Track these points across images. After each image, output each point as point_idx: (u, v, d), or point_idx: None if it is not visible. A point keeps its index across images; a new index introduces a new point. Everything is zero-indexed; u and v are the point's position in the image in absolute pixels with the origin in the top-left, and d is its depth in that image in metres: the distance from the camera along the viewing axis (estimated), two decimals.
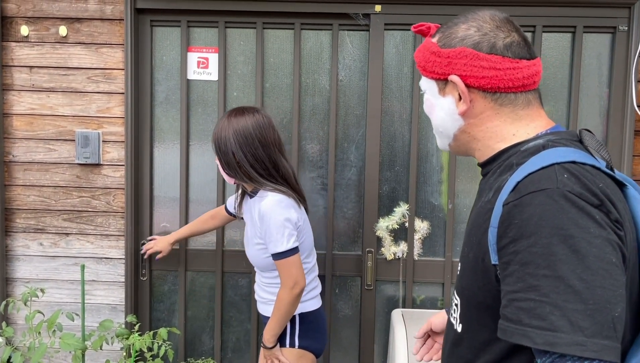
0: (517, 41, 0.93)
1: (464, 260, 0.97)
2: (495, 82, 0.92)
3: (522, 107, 0.95)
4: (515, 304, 0.78)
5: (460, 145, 1.03)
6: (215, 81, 2.39)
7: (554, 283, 0.75)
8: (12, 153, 2.38)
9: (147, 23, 2.37)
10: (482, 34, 0.93)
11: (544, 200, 0.78)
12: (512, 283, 0.79)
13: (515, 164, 0.88)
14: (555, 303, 0.74)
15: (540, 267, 0.76)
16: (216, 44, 2.38)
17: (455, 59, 0.94)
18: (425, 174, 2.39)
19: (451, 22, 0.98)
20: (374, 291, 2.40)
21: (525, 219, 0.79)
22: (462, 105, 0.96)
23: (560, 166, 0.81)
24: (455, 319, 1.00)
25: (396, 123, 2.38)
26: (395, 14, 2.29)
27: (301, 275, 1.77)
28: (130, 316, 2.22)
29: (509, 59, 0.92)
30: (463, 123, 0.98)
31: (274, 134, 1.81)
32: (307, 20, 2.33)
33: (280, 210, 1.75)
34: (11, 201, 2.40)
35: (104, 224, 2.39)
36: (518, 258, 0.79)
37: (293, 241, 1.76)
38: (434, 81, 0.99)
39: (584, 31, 2.29)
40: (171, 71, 2.41)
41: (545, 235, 0.76)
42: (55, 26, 2.33)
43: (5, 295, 2.40)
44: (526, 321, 0.76)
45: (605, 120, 2.34)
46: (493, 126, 0.96)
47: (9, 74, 2.35)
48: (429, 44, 0.99)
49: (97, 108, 2.35)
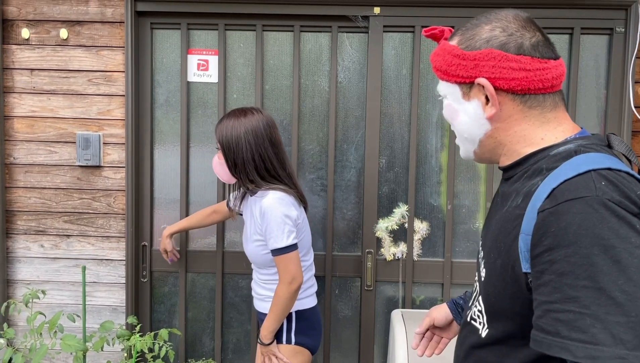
0: (543, 41, 0.91)
1: (490, 266, 0.94)
2: (525, 83, 0.89)
3: (550, 110, 0.92)
4: (552, 315, 0.76)
5: (485, 151, 0.99)
6: (215, 83, 2.40)
7: (595, 294, 0.73)
8: (13, 155, 2.39)
9: (148, 26, 2.38)
10: (508, 35, 0.90)
11: (583, 208, 0.76)
12: (548, 293, 0.77)
13: (546, 169, 0.86)
14: (597, 316, 0.72)
15: (580, 278, 0.74)
16: (216, 46, 2.39)
17: (482, 61, 0.90)
18: (424, 175, 2.40)
19: (470, 24, 0.95)
20: (374, 292, 2.41)
21: (562, 227, 0.76)
22: (490, 109, 0.92)
23: (597, 173, 0.79)
24: (481, 324, 0.97)
25: (395, 125, 2.39)
26: (394, 17, 2.31)
27: (299, 271, 1.80)
28: (131, 318, 2.23)
29: (537, 60, 0.89)
30: (490, 128, 0.95)
31: (278, 133, 1.86)
32: (306, 22, 2.35)
33: (281, 207, 1.78)
34: (12, 203, 2.41)
35: (105, 226, 2.40)
36: (554, 268, 0.76)
37: (293, 238, 1.79)
38: (457, 85, 0.95)
39: (581, 33, 2.31)
40: (171, 74, 2.42)
41: (585, 245, 0.74)
42: (56, 29, 2.34)
43: (6, 296, 2.41)
44: (565, 333, 0.74)
45: (602, 121, 2.35)
46: (521, 129, 0.93)
47: (10, 76, 2.36)
48: (448, 47, 0.95)
49: (97, 110, 2.36)
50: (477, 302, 1.00)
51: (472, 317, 1.02)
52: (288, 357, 1.88)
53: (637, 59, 2.26)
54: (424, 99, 2.37)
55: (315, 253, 2.39)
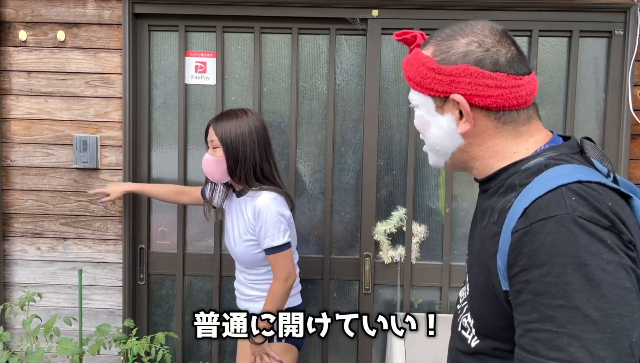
0: (517, 56, 0.90)
1: (473, 281, 0.95)
2: (500, 101, 0.89)
3: (524, 124, 0.92)
4: (531, 335, 0.77)
5: (457, 163, 0.98)
6: (213, 86, 2.40)
7: (570, 313, 0.74)
8: (10, 158, 2.38)
9: (145, 28, 2.37)
10: (484, 50, 0.89)
11: (554, 227, 0.76)
12: (526, 312, 0.78)
13: (519, 185, 0.86)
14: (573, 334, 0.73)
15: (555, 297, 0.75)
16: (214, 48, 2.39)
17: (458, 77, 0.89)
18: (422, 178, 2.39)
19: (444, 34, 0.93)
20: (372, 295, 2.40)
21: (536, 248, 0.77)
22: (464, 125, 0.91)
23: (567, 188, 0.79)
24: (470, 334, 0.98)
25: (394, 127, 2.38)
26: (392, 19, 2.30)
27: (294, 268, 1.88)
28: (128, 321, 2.22)
29: (512, 77, 0.89)
30: (463, 142, 0.94)
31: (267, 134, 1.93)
32: (304, 25, 2.34)
33: (276, 206, 1.84)
34: (9, 206, 2.40)
35: (102, 228, 2.39)
36: (530, 288, 0.77)
37: (287, 236, 1.85)
38: (430, 98, 0.93)
39: (580, 36, 2.30)
40: (169, 76, 2.41)
41: (558, 264, 0.75)
42: (53, 31, 2.33)
43: (2, 299, 2.40)
44: (544, 353, 0.75)
45: (601, 124, 2.35)
46: (494, 144, 0.93)
47: (7, 78, 2.36)
48: (423, 58, 0.93)
49: (95, 113, 2.35)
50: (468, 314, 1.00)
51: (463, 326, 1.02)
52: (279, 355, 1.90)
53: (636, 62, 2.25)
54: None
55: (313, 256, 2.39)
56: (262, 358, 1.89)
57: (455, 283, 2.37)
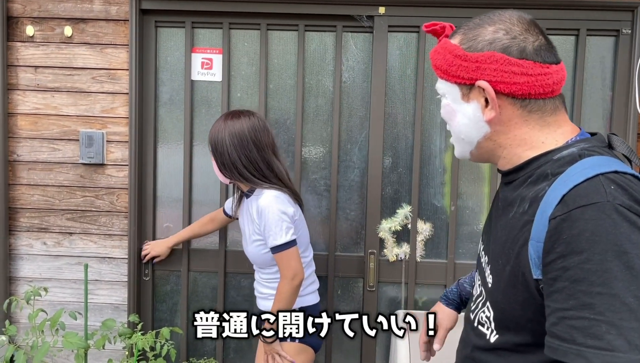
0: (545, 45, 0.90)
1: (497, 272, 0.94)
2: (526, 88, 0.88)
3: (550, 114, 0.91)
4: (567, 322, 0.76)
5: (483, 153, 0.98)
6: (219, 82, 2.40)
7: (609, 300, 0.73)
8: (16, 153, 2.39)
9: (152, 24, 2.38)
10: (511, 38, 0.89)
11: (595, 214, 0.76)
12: (562, 300, 0.77)
13: (551, 174, 0.86)
14: (612, 322, 0.73)
15: (594, 284, 0.74)
16: (220, 45, 2.39)
17: (484, 64, 0.89)
18: (428, 176, 2.39)
19: (473, 23, 0.94)
20: (376, 292, 2.40)
21: (575, 234, 0.76)
22: (489, 112, 0.91)
23: (606, 177, 0.79)
24: (489, 329, 0.97)
25: (399, 125, 2.38)
26: (398, 16, 2.30)
27: (300, 267, 1.84)
28: (133, 316, 2.22)
29: (539, 64, 0.88)
30: (489, 130, 0.93)
31: (268, 137, 1.88)
32: (311, 21, 2.34)
33: (278, 205, 1.83)
34: (15, 201, 2.41)
35: (108, 224, 2.40)
36: (568, 275, 0.76)
37: (291, 234, 1.83)
38: (456, 86, 0.94)
39: (587, 34, 2.30)
40: (175, 72, 2.41)
41: (598, 251, 0.74)
42: (60, 26, 2.34)
43: (8, 293, 2.41)
44: (581, 340, 0.74)
45: (608, 123, 2.34)
46: (521, 133, 0.92)
47: (14, 73, 2.36)
48: (450, 46, 0.94)
49: (101, 108, 2.36)
50: (486, 308, 0.99)
51: (480, 321, 1.01)
52: (292, 355, 1.88)
53: None
54: (428, 99, 2.35)
55: (318, 253, 2.39)
56: (273, 358, 1.87)
57: None
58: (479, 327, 1.00)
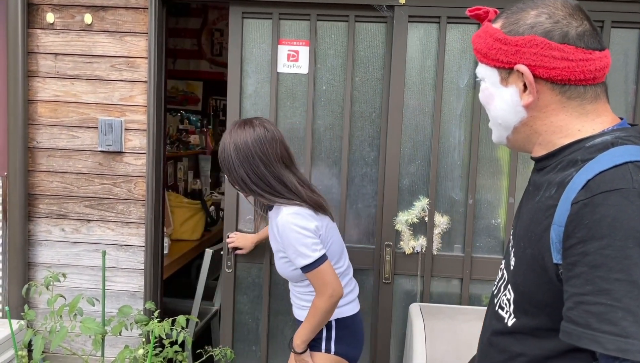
0: (590, 31, 0.88)
1: (519, 254, 0.93)
2: (566, 73, 0.87)
3: (590, 101, 0.90)
4: (583, 307, 0.76)
5: (519, 139, 0.97)
6: (304, 74, 2.36)
7: (628, 287, 0.72)
8: (36, 139, 2.41)
9: (239, 15, 2.34)
10: (554, 22, 0.88)
11: (618, 200, 0.75)
12: (580, 285, 0.76)
13: (581, 160, 0.85)
14: (628, 309, 0.72)
15: (613, 271, 0.73)
16: (307, 37, 2.35)
17: (524, 48, 0.88)
18: (446, 169, 2.37)
19: (516, 7, 0.93)
20: (392, 285, 2.39)
21: (597, 220, 0.76)
22: (527, 97, 0.90)
23: (635, 165, 0.78)
24: (508, 313, 0.97)
25: (418, 117, 2.36)
26: (419, 7, 2.27)
27: (337, 282, 1.68)
28: (149, 303, 2.24)
29: (582, 50, 0.87)
30: (526, 115, 0.93)
31: (276, 148, 1.72)
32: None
33: (297, 221, 1.68)
34: (34, 187, 2.43)
35: (125, 211, 2.41)
36: (587, 260, 0.76)
37: (319, 251, 1.68)
38: (495, 70, 0.93)
39: (611, 26, 2.26)
40: (261, 64, 2.37)
41: (619, 237, 0.73)
42: (80, 14, 2.35)
43: (27, 279, 2.43)
44: (596, 325, 0.74)
45: (632, 116, 2.30)
46: (558, 120, 0.91)
47: (35, 60, 2.38)
48: (491, 29, 0.93)
49: (120, 96, 2.37)
50: (507, 291, 0.99)
51: (500, 305, 1.01)
52: None
53: None
54: (448, 91, 2.33)
55: None
56: None
57: (477, 275, 2.36)
58: (499, 311, 1.00)
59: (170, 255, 3.07)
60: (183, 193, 4.08)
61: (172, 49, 5.02)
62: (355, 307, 1.86)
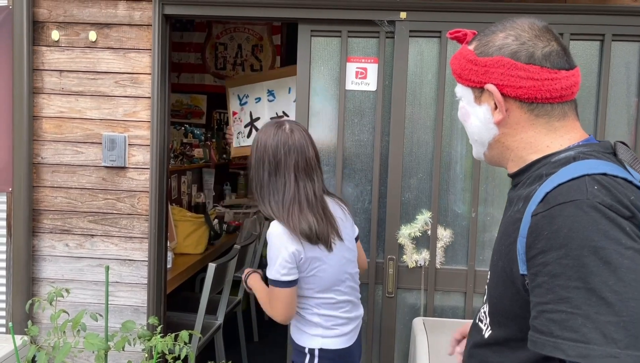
0: (556, 51, 0.92)
1: (493, 268, 0.98)
2: (532, 92, 0.92)
3: (558, 119, 0.94)
4: (545, 315, 0.78)
5: (494, 154, 1.02)
6: (372, 91, 2.36)
7: (586, 295, 0.75)
8: (40, 155, 2.43)
9: (308, 33, 2.36)
10: (520, 43, 0.92)
11: (573, 211, 0.78)
12: (542, 294, 0.79)
13: (545, 174, 0.88)
14: (588, 315, 0.74)
15: (571, 279, 0.76)
16: (375, 54, 2.36)
17: (492, 68, 0.94)
18: (448, 182, 2.37)
19: (488, 30, 0.98)
20: (395, 299, 2.38)
21: (554, 230, 0.79)
22: (497, 114, 0.95)
23: (591, 178, 0.81)
24: (485, 325, 1.01)
25: (420, 130, 2.36)
26: (420, 21, 2.29)
27: (282, 312, 1.67)
28: (152, 318, 2.24)
29: (547, 70, 0.91)
30: (498, 132, 0.98)
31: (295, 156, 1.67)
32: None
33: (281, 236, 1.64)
34: (39, 202, 2.44)
35: (128, 226, 2.42)
36: (547, 270, 0.79)
37: (286, 275, 1.63)
38: (469, 89, 0.99)
39: (612, 40, 2.26)
40: (329, 81, 2.39)
41: (575, 247, 0.76)
42: (85, 31, 2.38)
43: (31, 294, 2.44)
44: (558, 333, 0.76)
45: (633, 129, 2.30)
46: (527, 136, 0.95)
47: (40, 77, 2.40)
48: (465, 51, 0.99)
49: (123, 112, 2.39)
50: (485, 304, 1.03)
51: (479, 318, 1.05)
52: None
53: None
54: (449, 104, 2.34)
55: None
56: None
57: (480, 288, 2.34)
58: (479, 323, 1.04)
59: (174, 269, 3.07)
60: (187, 207, 4.09)
61: (176, 63, 5.07)
62: (344, 342, 1.76)
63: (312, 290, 1.72)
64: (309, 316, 1.75)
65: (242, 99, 3.09)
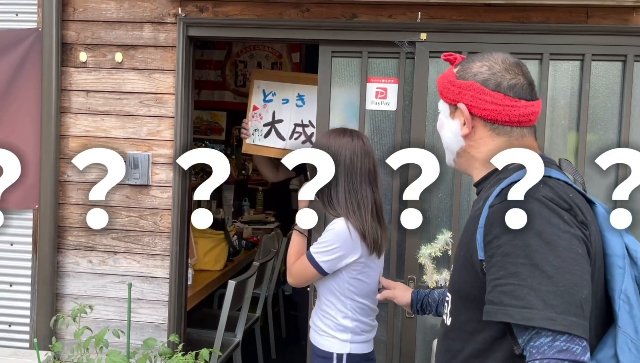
0: (521, 84, 1.09)
1: (455, 260, 1.14)
2: (494, 115, 1.09)
3: (516, 139, 1.10)
4: (498, 289, 0.94)
5: (462, 162, 1.18)
6: (392, 111, 2.38)
7: (530, 269, 0.91)
8: (66, 173, 2.48)
9: (329, 54, 2.39)
10: (491, 73, 1.09)
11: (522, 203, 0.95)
12: (496, 272, 0.95)
13: (503, 178, 1.05)
14: (531, 286, 0.91)
15: (519, 257, 0.93)
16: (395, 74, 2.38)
17: (465, 90, 1.11)
18: (469, 202, 2.36)
19: (470, 58, 1.15)
20: (415, 319, 2.37)
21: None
22: (465, 129, 1.12)
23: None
24: (446, 314, 1.15)
25: (440, 149, 2.36)
26: (440, 42, 2.30)
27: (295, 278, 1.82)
28: (174, 336, 2.26)
29: (509, 98, 1.08)
30: (464, 144, 1.14)
31: (366, 162, 1.77)
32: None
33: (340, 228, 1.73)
34: (64, 219, 2.49)
35: (151, 243, 2.45)
36: (500, 251, 0.95)
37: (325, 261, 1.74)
38: (447, 105, 1.16)
39: (634, 60, 2.25)
40: (349, 101, 2.42)
41: (523, 230, 0.93)
42: (111, 52, 2.44)
43: (55, 310, 2.48)
44: (507, 301, 0.92)
45: None
46: (489, 150, 1.10)
47: (67, 97, 2.47)
48: (449, 73, 1.16)
49: (147, 131, 2.43)
50: (448, 300, 1.16)
51: (444, 312, 1.18)
52: None
53: None
54: None
55: None
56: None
57: None
58: (444, 317, 1.18)
59: (194, 285, 3.09)
60: None
61: (197, 80, 5.12)
62: (368, 347, 1.87)
63: (354, 293, 1.80)
64: (343, 320, 1.80)
65: (267, 95, 2.90)
